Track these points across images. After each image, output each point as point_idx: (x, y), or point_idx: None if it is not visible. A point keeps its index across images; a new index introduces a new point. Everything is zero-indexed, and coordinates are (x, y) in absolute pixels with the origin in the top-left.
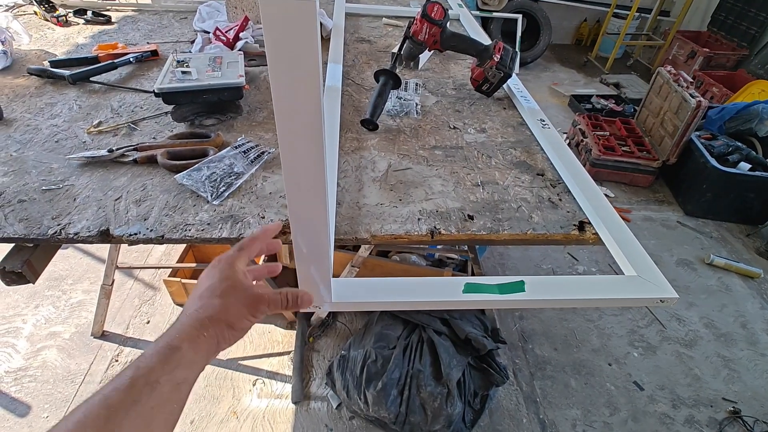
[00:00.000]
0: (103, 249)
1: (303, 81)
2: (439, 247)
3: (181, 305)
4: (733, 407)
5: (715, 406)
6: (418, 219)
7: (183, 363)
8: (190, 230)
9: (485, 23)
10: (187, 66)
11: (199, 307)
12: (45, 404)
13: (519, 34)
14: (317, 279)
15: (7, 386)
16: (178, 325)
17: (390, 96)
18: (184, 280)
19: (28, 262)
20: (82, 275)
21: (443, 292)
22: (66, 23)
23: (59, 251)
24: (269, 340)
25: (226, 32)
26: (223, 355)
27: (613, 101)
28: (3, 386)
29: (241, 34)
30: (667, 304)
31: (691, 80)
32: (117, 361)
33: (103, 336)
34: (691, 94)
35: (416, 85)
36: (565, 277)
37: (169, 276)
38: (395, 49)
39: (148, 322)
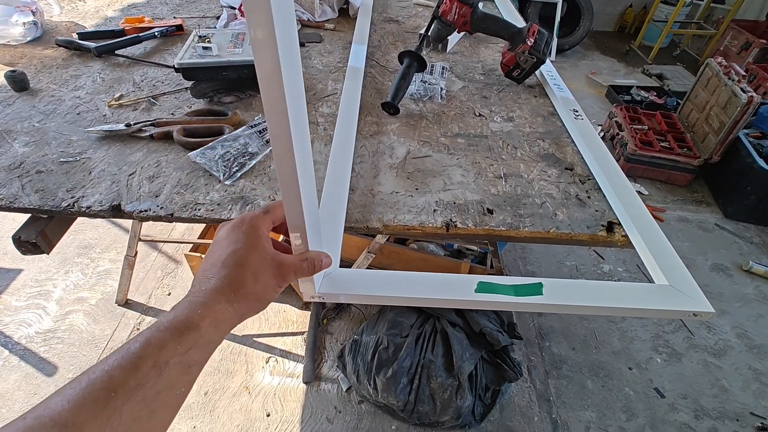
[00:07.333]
0: (129, 221)
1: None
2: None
3: None
4: (762, 423)
5: (742, 420)
6: (434, 210)
7: (199, 344)
8: (199, 210)
9: (522, 7)
10: (208, 42)
11: (224, 276)
12: (70, 366)
13: (558, 18)
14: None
15: (37, 346)
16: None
17: (414, 79)
18: (204, 256)
19: (42, 232)
20: (110, 245)
21: (454, 290)
22: None
23: (89, 220)
24: (284, 320)
25: None
26: (238, 331)
27: (655, 93)
28: (33, 346)
29: None
30: (701, 318)
31: (744, 73)
32: (138, 329)
33: (127, 304)
34: (742, 89)
35: (442, 68)
36: (589, 282)
37: (190, 251)
38: (423, 30)
39: (169, 294)
